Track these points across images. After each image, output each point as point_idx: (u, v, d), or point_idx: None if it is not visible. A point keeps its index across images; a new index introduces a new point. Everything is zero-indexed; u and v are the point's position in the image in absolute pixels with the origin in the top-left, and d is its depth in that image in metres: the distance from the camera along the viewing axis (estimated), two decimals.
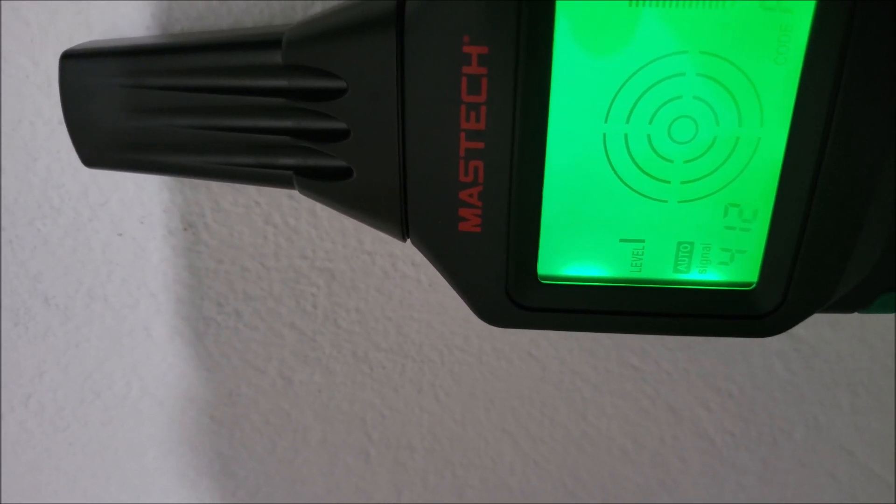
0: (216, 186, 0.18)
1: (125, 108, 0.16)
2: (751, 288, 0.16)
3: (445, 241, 0.15)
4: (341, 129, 0.15)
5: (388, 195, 0.15)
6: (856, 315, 0.20)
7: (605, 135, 0.14)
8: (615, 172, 0.15)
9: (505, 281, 0.15)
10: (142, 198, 0.19)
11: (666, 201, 0.15)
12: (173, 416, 0.22)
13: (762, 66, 0.14)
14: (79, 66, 0.16)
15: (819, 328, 0.20)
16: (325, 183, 0.15)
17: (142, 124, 0.16)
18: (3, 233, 0.19)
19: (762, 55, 0.14)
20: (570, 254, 0.16)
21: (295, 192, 0.18)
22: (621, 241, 0.15)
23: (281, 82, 0.15)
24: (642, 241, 0.15)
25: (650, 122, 0.14)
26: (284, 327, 0.20)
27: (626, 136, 0.14)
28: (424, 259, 0.18)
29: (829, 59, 0.13)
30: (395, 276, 0.20)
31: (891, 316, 0.20)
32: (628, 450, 0.22)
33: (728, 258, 0.15)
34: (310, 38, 0.15)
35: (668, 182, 0.15)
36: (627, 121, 0.14)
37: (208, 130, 0.16)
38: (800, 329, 0.20)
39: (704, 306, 0.16)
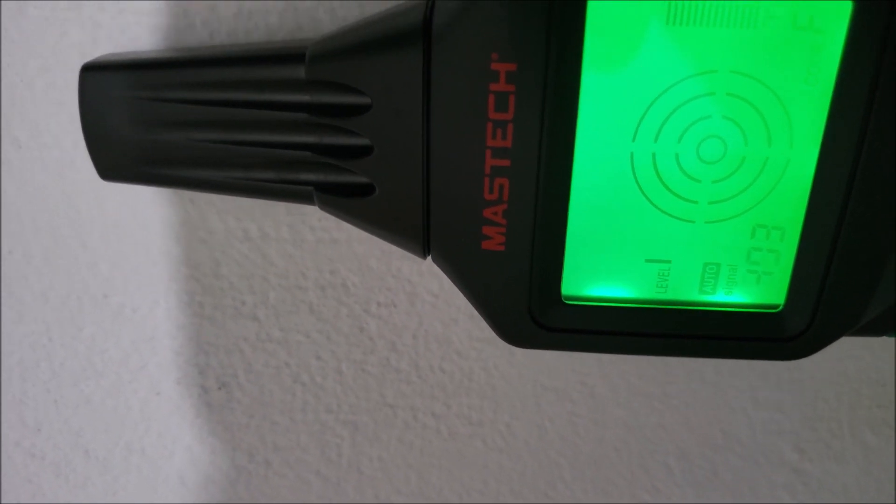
0: (249, 350, 0.20)
1: (144, 122, 0.16)
2: (778, 310, 0.15)
3: (468, 259, 0.15)
4: (364, 146, 0.15)
5: (410, 212, 0.15)
6: (861, 448, 0.21)
7: (632, 154, 0.14)
8: (642, 192, 0.15)
9: (528, 301, 0.15)
10: (179, 361, 0.20)
11: (693, 221, 0.15)
12: None
13: (793, 86, 0.14)
14: (99, 78, 0.16)
15: (824, 462, 0.21)
16: (345, 199, 0.15)
17: (161, 138, 0.16)
18: (49, 394, 0.21)
19: (793, 76, 0.14)
20: (594, 274, 0.15)
21: (323, 353, 0.20)
22: (647, 261, 0.15)
23: (303, 97, 0.15)
24: (668, 261, 0.15)
25: (679, 142, 0.14)
26: (311, 474, 0.22)
27: (653, 155, 0.14)
28: (445, 410, 0.21)
29: (861, 80, 0.13)
30: (415, 427, 0.21)
31: (892, 451, 0.21)
32: None
33: (755, 280, 0.15)
34: (334, 53, 0.14)
35: (696, 202, 0.15)
36: (656, 140, 0.14)
37: (228, 145, 0.15)
38: (805, 463, 0.21)
39: (730, 328, 0.15)
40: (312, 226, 0.19)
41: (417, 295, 0.19)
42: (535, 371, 0.20)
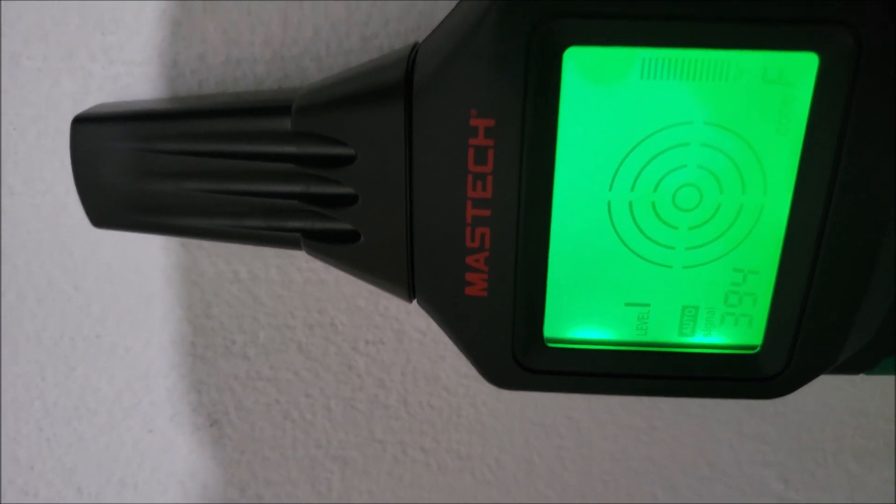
0: (240, 388, 0.20)
1: (135, 172, 0.16)
2: (755, 351, 0.16)
3: (452, 304, 0.15)
4: (349, 195, 0.15)
5: (394, 259, 0.15)
6: (846, 477, 0.21)
7: (609, 202, 0.15)
8: (620, 239, 0.15)
9: (511, 344, 0.15)
10: (172, 399, 0.21)
11: (671, 266, 0.15)
12: None
13: (765, 136, 0.14)
14: (89, 130, 0.16)
15: (810, 491, 0.22)
16: (332, 246, 0.16)
17: (151, 187, 0.16)
18: (42, 432, 0.21)
19: (765, 126, 0.14)
20: (575, 317, 0.16)
21: (312, 390, 0.20)
22: (626, 304, 0.16)
23: (290, 149, 0.15)
24: (647, 305, 0.15)
25: (654, 191, 0.15)
26: None
27: (630, 203, 0.15)
28: (434, 445, 0.21)
29: (830, 129, 0.14)
30: (404, 461, 0.21)
31: (879, 478, 0.21)
32: None
33: (732, 322, 0.16)
34: (319, 106, 0.15)
35: (673, 248, 0.15)
36: (632, 189, 0.14)
37: (218, 194, 0.16)
38: (791, 493, 0.22)
39: (709, 369, 0.16)
40: (300, 267, 0.19)
41: (405, 333, 0.20)
42: (523, 407, 0.21)
